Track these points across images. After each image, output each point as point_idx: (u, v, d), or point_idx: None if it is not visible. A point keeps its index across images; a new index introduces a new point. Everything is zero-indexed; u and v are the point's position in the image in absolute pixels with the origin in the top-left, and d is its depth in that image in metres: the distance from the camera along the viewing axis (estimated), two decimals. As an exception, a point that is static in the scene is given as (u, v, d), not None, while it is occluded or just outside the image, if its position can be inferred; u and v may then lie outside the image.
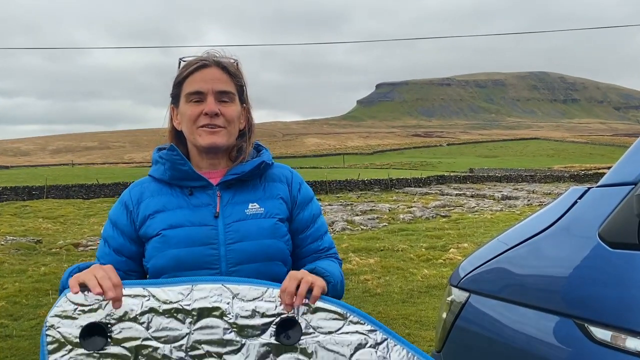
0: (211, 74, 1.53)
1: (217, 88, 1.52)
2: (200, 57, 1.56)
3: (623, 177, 1.51)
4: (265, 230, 1.50)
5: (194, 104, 1.52)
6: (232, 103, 1.55)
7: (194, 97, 1.52)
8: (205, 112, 1.50)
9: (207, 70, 1.53)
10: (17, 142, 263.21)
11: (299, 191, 1.63)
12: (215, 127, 1.51)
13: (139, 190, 1.59)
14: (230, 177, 1.54)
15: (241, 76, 1.60)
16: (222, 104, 1.52)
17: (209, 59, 1.54)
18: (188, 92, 1.52)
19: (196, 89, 1.51)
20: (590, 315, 1.41)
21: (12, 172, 61.56)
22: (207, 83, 1.51)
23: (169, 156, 1.54)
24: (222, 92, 1.52)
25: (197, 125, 1.52)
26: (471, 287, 1.88)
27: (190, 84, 1.52)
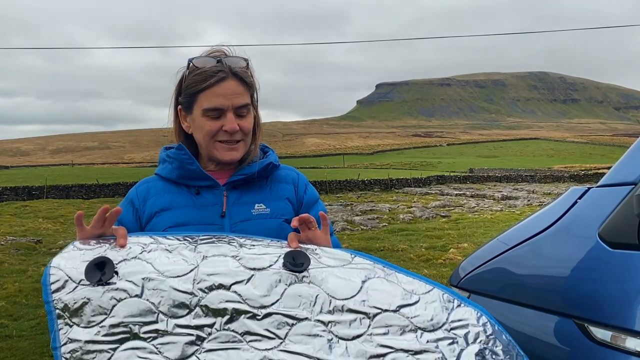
0: (230, 89, 1.49)
1: (237, 104, 1.49)
2: (214, 66, 1.50)
3: (623, 177, 1.51)
4: (271, 231, 1.50)
5: (212, 119, 1.50)
6: (249, 114, 1.54)
7: (212, 113, 1.49)
8: (226, 130, 1.49)
9: (225, 84, 1.48)
10: (17, 142, 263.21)
11: (305, 192, 1.64)
12: (234, 143, 1.52)
13: (146, 187, 1.59)
14: (237, 177, 1.55)
15: (254, 82, 1.57)
16: (239, 118, 1.51)
17: (225, 69, 1.49)
18: (207, 107, 1.49)
19: (216, 105, 1.48)
20: (590, 315, 1.41)
21: (12, 172, 61.58)
22: (227, 99, 1.48)
23: (177, 155, 1.54)
24: (241, 106, 1.51)
25: (216, 139, 1.51)
26: (471, 287, 1.88)
27: (209, 98, 1.48)
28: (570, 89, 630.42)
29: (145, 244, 1.32)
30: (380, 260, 1.37)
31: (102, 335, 1.21)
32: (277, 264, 1.30)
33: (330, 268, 1.32)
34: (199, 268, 1.28)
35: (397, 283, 1.32)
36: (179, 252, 1.31)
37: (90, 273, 1.25)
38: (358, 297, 1.27)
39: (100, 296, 1.23)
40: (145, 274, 1.26)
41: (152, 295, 1.24)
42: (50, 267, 1.27)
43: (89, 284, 1.25)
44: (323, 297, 1.27)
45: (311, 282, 1.29)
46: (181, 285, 1.25)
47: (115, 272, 1.26)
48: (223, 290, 1.26)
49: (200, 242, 1.33)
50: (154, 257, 1.29)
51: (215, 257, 1.30)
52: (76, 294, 1.24)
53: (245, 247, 1.33)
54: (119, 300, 1.23)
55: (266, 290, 1.27)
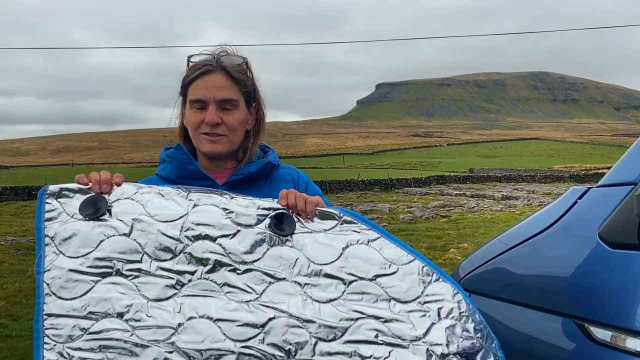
0: (214, 81, 1.51)
1: (218, 97, 1.50)
2: (205, 59, 1.54)
3: (623, 177, 1.51)
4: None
5: (196, 110, 1.52)
6: (235, 110, 1.53)
7: (197, 105, 1.52)
8: (206, 122, 1.51)
9: (210, 76, 1.51)
10: (17, 142, 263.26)
11: (307, 189, 1.63)
12: (216, 136, 1.52)
13: None
14: (236, 177, 1.56)
15: (248, 79, 1.57)
16: (224, 112, 1.52)
17: (213, 63, 1.52)
18: (191, 99, 1.52)
19: (198, 96, 1.51)
20: (590, 315, 1.41)
21: (12, 172, 61.56)
22: (209, 91, 1.50)
23: (175, 155, 1.56)
24: (224, 100, 1.51)
25: (199, 132, 1.53)
26: (471, 287, 1.88)
27: (194, 90, 1.52)
28: (570, 89, 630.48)
29: (140, 187, 1.37)
30: (369, 222, 1.39)
31: (86, 266, 1.25)
32: (263, 224, 1.34)
33: (315, 233, 1.35)
34: (188, 216, 1.31)
35: (378, 251, 1.34)
36: (171, 198, 1.35)
37: (84, 207, 1.29)
38: (337, 264, 1.31)
39: (90, 230, 1.28)
40: (136, 215, 1.30)
41: (140, 236, 1.28)
42: (46, 194, 1.31)
43: (81, 217, 1.29)
44: (302, 261, 1.31)
45: (293, 246, 1.32)
46: (169, 231, 1.29)
47: (108, 210, 1.30)
48: (208, 241, 1.30)
49: (193, 192, 1.37)
50: (146, 199, 1.33)
51: (206, 206, 1.34)
52: (67, 225, 1.28)
53: (235, 200, 1.37)
54: (107, 236, 1.28)
55: (249, 247, 1.31)
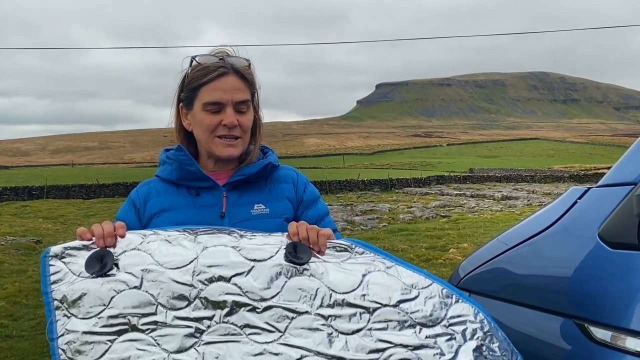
0: (231, 83, 1.51)
1: (236, 99, 1.51)
2: (216, 62, 1.53)
3: (623, 177, 1.51)
4: (271, 231, 1.51)
5: (211, 113, 1.51)
6: (248, 111, 1.55)
7: (213, 108, 1.51)
8: (225, 124, 1.50)
9: (226, 78, 1.51)
10: (17, 142, 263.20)
11: (305, 191, 1.64)
12: (233, 139, 1.52)
13: (147, 189, 1.60)
14: (236, 178, 1.55)
15: (255, 80, 1.59)
16: (239, 114, 1.53)
17: (227, 65, 1.52)
18: (207, 101, 1.51)
19: (216, 99, 1.50)
20: (590, 315, 1.41)
21: (12, 172, 61.55)
22: (227, 93, 1.50)
23: (176, 156, 1.55)
24: (240, 102, 1.52)
25: (215, 135, 1.52)
26: (471, 287, 1.88)
27: (209, 92, 1.51)
28: (570, 89, 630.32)
29: (145, 235, 1.32)
30: (381, 251, 1.36)
31: (100, 326, 1.20)
32: (277, 255, 1.29)
33: (331, 263, 1.31)
34: (198, 259, 1.27)
35: (397, 277, 1.31)
36: (178, 243, 1.30)
37: (90, 264, 1.24)
38: (358, 291, 1.27)
39: (100, 287, 1.23)
40: (145, 266, 1.25)
41: (151, 287, 1.24)
42: (49, 257, 1.26)
43: (89, 275, 1.24)
44: (323, 291, 1.26)
45: (312, 275, 1.28)
46: (180, 277, 1.25)
47: (115, 264, 1.25)
48: (223, 282, 1.25)
49: (200, 233, 1.33)
50: (153, 248, 1.28)
51: (216, 247, 1.29)
52: (75, 285, 1.23)
53: (245, 238, 1.33)
54: (118, 291, 1.23)
55: (266, 283, 1.26)
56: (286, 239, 1.34)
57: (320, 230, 1.36)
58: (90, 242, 1.29)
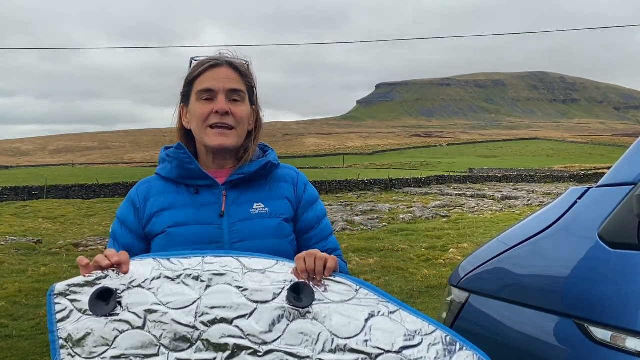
0: (223, 73, 1.54)
1: (228, 86, 1.53)
2: (211, 57, 1.57)
3: (623, 177, 1.51)
4: (270, 230, 1.51)
5: (204, 102, 1.53)
6: (242, 102, 1.56)
7: (205, 95, 1.53)
8: (216, 111, 1.51)
9: (219, 69, 1.54)
10: (17, 142, 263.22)
11: (304, 191, 1.64)
12: (225, 128, 1.52)
13: (146, 188, 1.60)
14: (236, 176, 1.55)
15: (252, 77, 1.61)
16: (232, 103, 1.54)
17: (220, 59, 1.56)
18: (199, 89, 1.53)
19: (207, 86, 1.52)
20: (590, 315, 1.40)
21: (12, 172, 61.56)
22: (219, 81, 1.53)
23: (176, 154, 1.56)
24: (233, 90, 1.54)
25: (207, 124, 1.53)
26: (471, 287, 1.88)
27: (202, 82, 1.54)
28: (570, 89, 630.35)
29: (148, 270, 1.31)
30: (385, 295, 1.35)
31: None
32: (280, 297, 1.29)
33: (335, 304, 1.30)
34: (201, 300, 1.27)
35: (400, 322, 1.30)
36: (182, 280, 1.29)
37: (94, 304, 1.25)
38: (361, 337, 1.27)
39: (103, 327, 1.24)
40: (148, 306, 1.26)
41: (154, 328, 1.24)
42: (54, 295, 1.26)
43: (93, 314, 1.25)
44: (325, 336, 1.26)
45: (314, 319, 1.27)
46: (183, 318, 1.25)
47: (119, 302, 1.26)
48: (225, 325, 1.25)
49: (204, 269, 1.31)
50: (156, 286, 1.28)
51: (219, 286, 1.29)
52: (80, 324, 1.24)
53: (249, 275, 1.31)
54: (121, 331, 1.24)
55: (268, 326, 1.26)
56: (291, 275, 1.33)
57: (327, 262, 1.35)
58: (93, 276, 1.29)
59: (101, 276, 1.28)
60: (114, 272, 1.29)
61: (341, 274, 1.38)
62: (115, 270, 1.29)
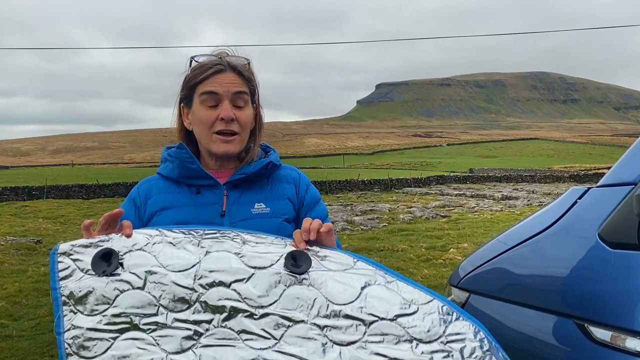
0: (227, 78, 1.53)
1: (233, 90, 1.52)
2: (214, 60, 1.55)
3: (623, 177, 1.51)
4: (271, 230, 1.50)
5: (209, 108, 1.52)
6: (246, 107, 1.56)
7: (210, 101, 1.52)
8: (222, 117, 1.51)
9: (223, 75, 1.53)
10: (17, 142, 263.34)
11: (307, 192, 1.64)
12: (230, 135, 1.53)
13: (147, 187, 1.61)
14: (237, 177, 1.56)
15: (254, 79, 1.60)
16: (237, 109, 1.53)
17: (224, 63, 1.54)
18: (203, 94, 1.52)
19: (212, 89, 1.52)
20: (590, 315, 1.41)
21: (12, 172, 61.56)
22: (223, 87, 1.52)
23: (177, 154, 1.56)
24: (237, 93, 1.53)
25: (213, 130, 1.53)
26: (471, 287, 1.88)
27: (206, 86, 1.53)
28: (570, 89, 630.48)
29: (151, 236, 1.34)
30: (382, 267, 1.36)
31: (103, 323, 1.24)
32: (278, 264, 1.30)
33: (331, 272, 1.31)
34: (200, 264, 1.29)
35: (396, 291, 1.31)
36: (182, 246, 1.32)
37: (96, 263, 1.28)
38: (356, 304, 1.27)
39: (105, 286, 1.26)
40: (149, 267, 1.28)
41: (154, 289, 1.27)
42: (58, 254, 1.29)
43: (95, 274, 1.27)
44: (321, 301, 1.27)
45: (310, 285, 1.28)
46: (182, 280, 1.27)
47: (120, 264, 1.28)
48: (223, 288, 1.27)
49: (204, 237, 1.34)
50: (158, 250, 1.31)
51: (218, 252, 1.31)
52: (82, 282, 1.27)
53: (248, 244, 1.34)
54: (122, 291, 1.26)
55: (265, 290, 1.27)
56: (290, 247, 1.35)
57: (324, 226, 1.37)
58: (97, 239, 1.32)
59: (104, 239, 1.31)
60: (117, 235, 1.32)
61: (340, 249, 1.40)
62: (118, 234, 1.32)
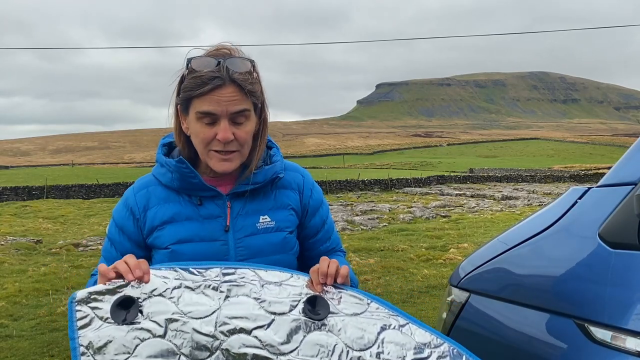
0: (226, 95, 1.39)
1: (232, 110, 1.41)
2: (212, 70, 1.40)
3: (623, 177, 1.51)
4: (276, 246, 1.49)
5: (206, 126, 1.42)
6: (247, 122, 1.45)
7: (206, 119, 1.42)
8: (219, 139, 1.41)
9: (221, 91, 1.39)
10: (17, 142, 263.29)
11: (311, 197, 1.60)
12: (228, 154, 1.44)
13: (145, 195, 1.52)
14: (241, 189, 1.50)
15: (258, 86, 1.48)
16: (235, 126, 1.43)
17: (222, 75, 1.39)
18: (199, 110, 1.41)
19: (209, 109, 1.40)
20: (590, 315, 1.40)
21: (12, 172, 61.53)
22: (221, 105, 1.40)
23: (177, 168, 1.48)
24: (237, 113, 1.42)
25: (210, 148, 1.44)
26: (471, 287, 1.88)
27: (202, 103, 1.40)
28: (571, 89, 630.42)
29: (169, 279, 1.32)
30: (395, 308, 1.39)
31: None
32: (297, 309, 1.32)
33: (348, 317, 1.34)
34: (221, 310, 1.29)
35: (410, 336, 1.35)
36: (201, 291, 1.31)
37: (116, 312, 1.25)
38: (374, 349, 1.30)
39: (125, 335, 1.24)
40: (169, 315, 1.27)
41: (175, 337, 1.26)
42: (75, 302, 1.26)
43: (114, 322, 1.25)
44: (341, 347, 1.29)
45: (329, 331, 1.31)
46: (203, 328, 1.27)
47: (140, 311, 1.27)
48: (244, 335, 1.27)
49: (223, 280, 1.33)
50: (177, 296, 1.29)
51: (237, 297, 1.31)
52: (101, 332, 1.24)
53: (267, 287, 1.34)
54: (142, 340, 1.24)
55: (286, 337, 1.28)
56: (306, 289, 1.36)
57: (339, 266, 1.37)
58: (115, 285, 1.29)
59: (122, 284, 1.28)
60: (135, 280, 1.30)
61: (352, 287, 1.42)
62: (136, 280, 1.30)
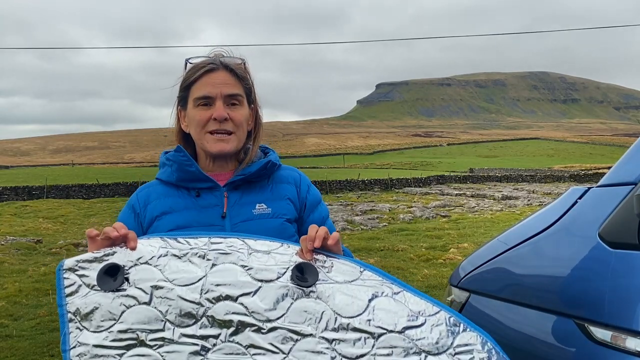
0: (219, 78, 1.52)
1: (225, 92, 1.51)
2: (207, 59, 1.55)
3: (623, 177, 1.51)
4: (272, 231, 1.50)
5: (202, 108, 1.52)
6: (240, 106, 1.55)
7: (202, 102, 1.51)
8: (214, 118, 1.50)
9: (215, 74, 1.52)
10: (17, 142, 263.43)
11: (308, 192, 1.63)
12: (224, 134, 1.52)
13: (146, 192, 1.59)
14: (237, 178, 1.55)
15: (249, 78, 1.59)
16: (230, 108, 1.52)
17: (216, 62, 1.53)
18: (196, 96, 1.52)
19: (204, 93, 1.51)
20: (590, 315, 1.41)
21: (12, 172, 61.55)
22: (216, 87, 1.51)
23: (175, 157, 1.55)
24: (230, 95, 1.52)
25: (206, 130, 1.52)
26: (471, 287, 1.88)
27: (198, 88, 1.52)
28: (571, 89, 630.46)
29: (156, 247, 1.32)
30: (389, 276, 1.35)
31: (109, 340, 1.23)
32: (284, 277, 1.29)
33: (338, 284, 1.30)
34: (207, 277, 1.28)
35: (404, 303, 1.31)
36: (188, 259, 1.31)
37: (102, 279, 1.27)
38: (364, 316, 1.27)
39: (111, 302, 1.25)
40: (154, 282, 1.27)
41: (160, 304, 1.26)
42: (63, 270, 1.28)
43: (100, 289, 1.26)
44: (329, 314, 1.27)
45: (318, 298, 1.28)
46: (189, 295, 1.26)
47: (126, 278, 1.27)
48: (230, 302, 1.26)
49: (210, 248, 1.32)
50: (163, 263, 1.30)
51: (224, 265, 1.30)
52: (88, 299, 1.26)
53: (254, 255, 1.32)
54: (128, 306, 1.25)
55: (272, 304, 1.27)
56: (296, 257, 1.33)
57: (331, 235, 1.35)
58: (101, 253, 1.30)
59: (109, 253, 1.30)
60: (121, 248, 1.31)
61: (345, 256, 1.39)
62: (123, 247, 1.31)
